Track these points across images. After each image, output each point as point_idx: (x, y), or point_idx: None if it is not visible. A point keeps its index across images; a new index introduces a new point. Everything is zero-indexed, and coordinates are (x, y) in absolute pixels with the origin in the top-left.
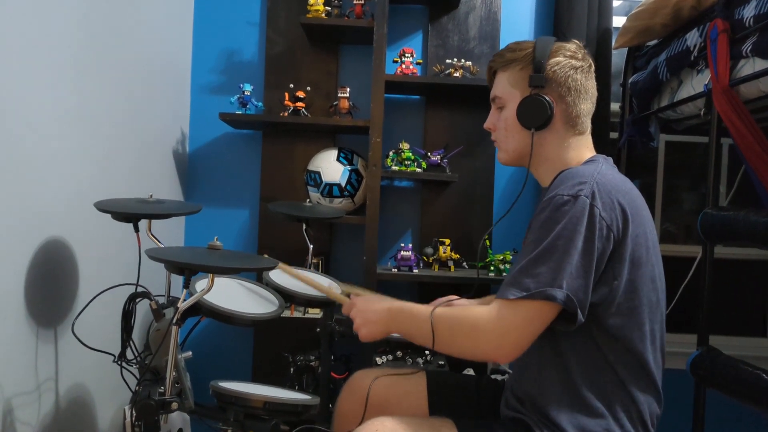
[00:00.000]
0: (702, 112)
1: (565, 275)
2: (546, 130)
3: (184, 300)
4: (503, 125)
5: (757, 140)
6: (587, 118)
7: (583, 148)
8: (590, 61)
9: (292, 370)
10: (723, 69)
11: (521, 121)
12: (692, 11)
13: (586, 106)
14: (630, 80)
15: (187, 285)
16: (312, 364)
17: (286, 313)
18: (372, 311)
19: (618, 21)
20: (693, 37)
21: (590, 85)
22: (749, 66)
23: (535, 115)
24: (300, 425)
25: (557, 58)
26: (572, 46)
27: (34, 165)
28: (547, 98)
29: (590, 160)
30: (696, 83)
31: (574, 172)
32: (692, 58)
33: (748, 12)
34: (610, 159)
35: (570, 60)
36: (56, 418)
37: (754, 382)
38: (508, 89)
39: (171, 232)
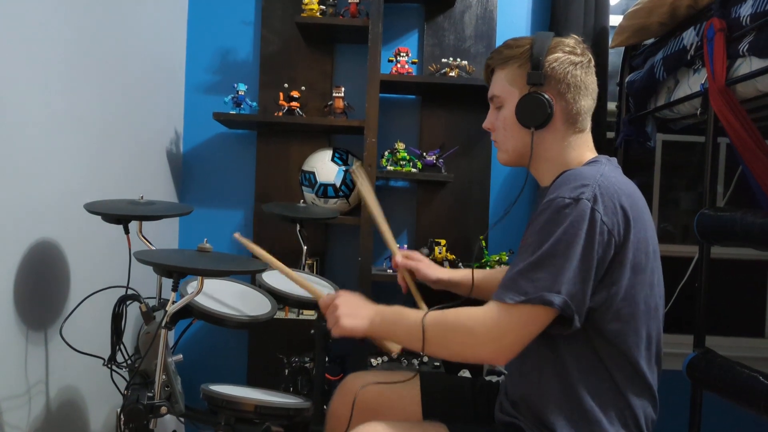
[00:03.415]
0: (699, 112)
1: (563, 281)
2: (546, 128)
3: (174, 303)
4: (502, 125)
5: (753, 140)
6: (588, 116)
7: (584, 147)
8: (590, 55)
9: (286, 371)
10: (720, 68)
11: (520, 120)
12: (689, 10)
13: (587, 103)
14: (627, 79)
15: (175, 288)
16: (307, 365)
17: (281, 315)
18: (361, 306)
19: (615, 20)
20: (690, 36)
21: (590, 81)
22: (746, 65)
23: (535, 113)
24: (293, 428)
25: (556, 54)
26: (571, 41)
27: (23, 166)
28: (546, 96)
29: (593, 161)
30: (692, 83)
31: (577, 174)
32: (689, 58)
33: (745, 11)
34: (614, 159)
35: (569, 56)
36: (47, 422)
37: (750, 385)
38: (506, 87)
39: (165, 234)
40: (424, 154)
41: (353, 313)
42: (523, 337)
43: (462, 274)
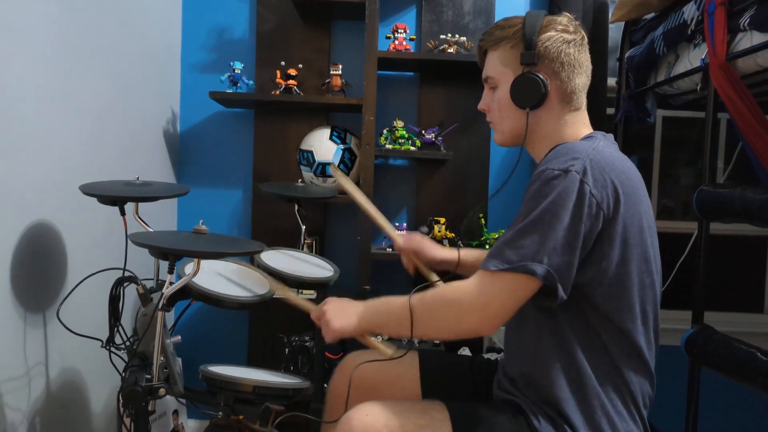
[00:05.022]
0: (699, 87)
1: (547, 250)
2: (541, 108)
3: (171, 285)
4: (497, 106)
5: (754, 115)
6: (582, 93)
7: (580, 124)
8: (583, 33)
9: (287, 350)
10: (720, 43)
11: (515, 100)
12: None
13: (581, 81)
14: (626, 55)
15: (171, 270)
16: (307, 344)
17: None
18: (347, 305)
19: None
20: (690, 10)
21: (584, 59)
22: (747, 40)
23: (530, 94)
24: (293, 407)
25: (548, 33)
26: (563, 19)
27: (17, 148)
28: (540, 76)
29: (588, 137)
30: (693, 58)
31: (569, 147)
32: (689, 32)
33: None
34: (611, 136)
35: (562, 34)
36: (47, 404)
37: (747, 361)
38: (499, 69)
39: (163, 215)
40: (423, 131)
41: (340, 314)
42: (508, 305)
43: (464, 253)
